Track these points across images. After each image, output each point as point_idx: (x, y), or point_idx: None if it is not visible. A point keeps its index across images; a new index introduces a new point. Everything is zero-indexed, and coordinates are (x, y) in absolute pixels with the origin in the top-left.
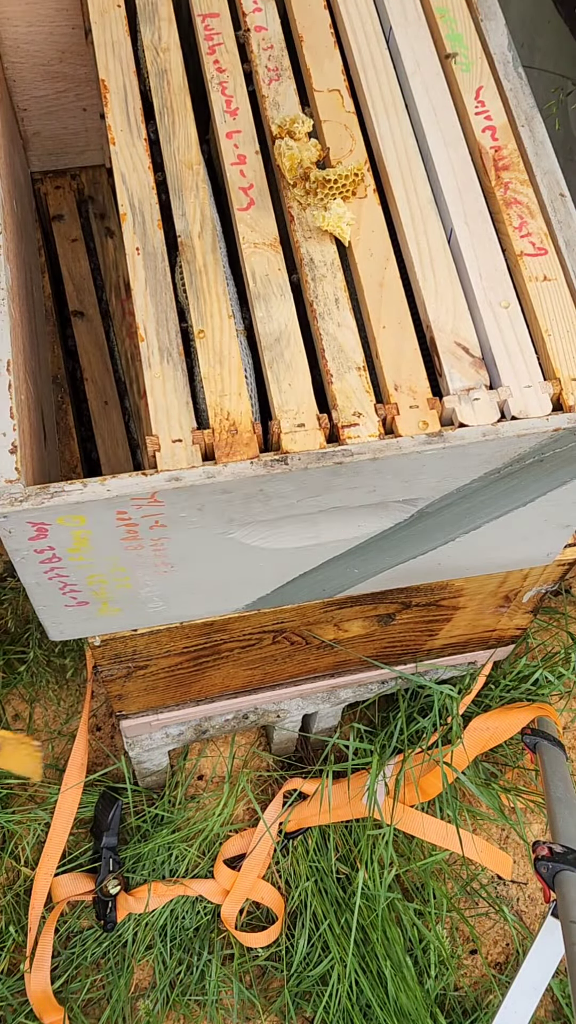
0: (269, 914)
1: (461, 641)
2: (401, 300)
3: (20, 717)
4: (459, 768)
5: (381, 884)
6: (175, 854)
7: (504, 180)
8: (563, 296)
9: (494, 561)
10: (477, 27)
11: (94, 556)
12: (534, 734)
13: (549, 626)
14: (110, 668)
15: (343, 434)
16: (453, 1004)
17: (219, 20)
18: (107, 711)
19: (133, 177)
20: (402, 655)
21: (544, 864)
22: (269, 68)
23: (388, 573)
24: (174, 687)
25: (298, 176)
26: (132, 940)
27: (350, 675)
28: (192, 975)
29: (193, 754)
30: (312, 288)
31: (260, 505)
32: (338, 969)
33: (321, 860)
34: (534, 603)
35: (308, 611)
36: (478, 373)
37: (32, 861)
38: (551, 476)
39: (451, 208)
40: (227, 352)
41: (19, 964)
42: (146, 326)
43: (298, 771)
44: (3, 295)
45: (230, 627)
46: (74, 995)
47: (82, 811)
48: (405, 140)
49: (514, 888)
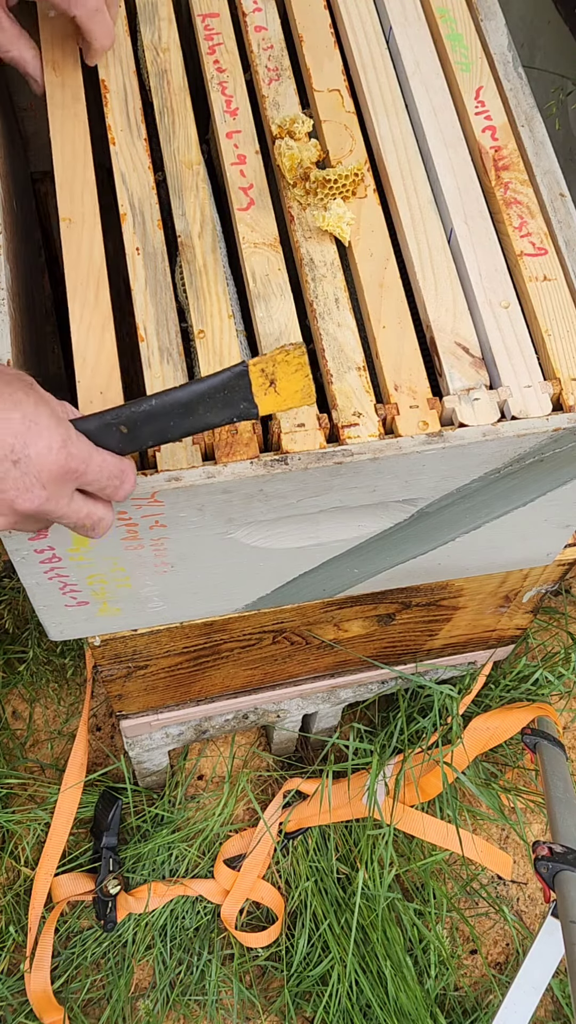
0: (269, 914)
1: (461, 641)
2: (401, 300)
3: (20, 717)
4: (459, 768)
5: (381, 884)
6: (175, 854)
7: (504, 180)
8: (563, 296)
9: (494, 561)
10: (477, 27)
11: (94, 556)
12: (534, 734)
13: (549, 626)
14: (110, 668)
15: (343, 434)
16: (453, 1004)
17: (219, 20)
18: (107, 711)
19: (133, 177)
20: (402, 655)
21: (544, 864)
22: (269, 68)
23: (388, 573)
24: (174, 687)
25: (298, 176)
26: (132, 940)
27: (350, 675)
28: (192, 975)
29: (193, 754)
30: (312, 288)
31: (260, 505)
32: (338, 969)
33: (321, 860)
34: (534, 603)
35: (308, 611)
36: (478, 373)
37: (32, 861)
38: (551, 476)
39: (451, 208)
40: (227, 352)
41: (19, 964)
42: (146, 326)
43: (298, 771)
44: (3, 295)
45: (230, 627)
46: (74, 995)
47: (82, 811)
48: (405, 140)
49: (514, 888)
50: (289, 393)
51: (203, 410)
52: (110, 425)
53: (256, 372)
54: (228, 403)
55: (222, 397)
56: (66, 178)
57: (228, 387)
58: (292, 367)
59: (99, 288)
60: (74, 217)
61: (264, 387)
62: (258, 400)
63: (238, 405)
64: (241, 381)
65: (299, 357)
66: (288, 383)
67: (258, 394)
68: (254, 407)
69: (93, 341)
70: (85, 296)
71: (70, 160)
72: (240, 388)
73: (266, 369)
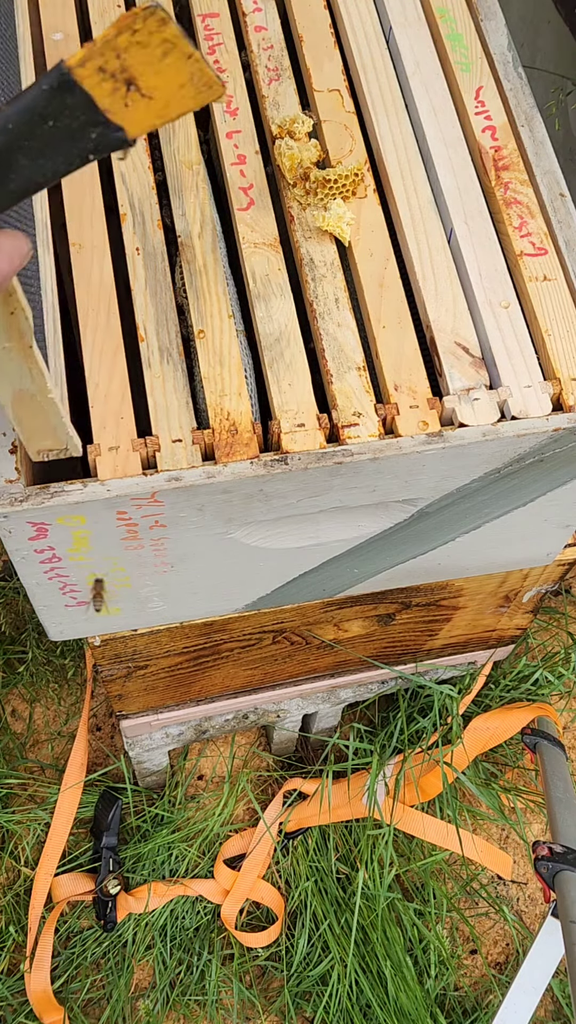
0: (269, 914)
1: (461, 641)
2: (401, 300)
3: (20, 717)
4: (459, 768)
5: (381, 884)
6: (175, 854)
7: (504, 180)
8: (563, 296)
9: (494, 561)
10: (477, 27)
11: (94, 556)
12: (534, 734)
13: (549, 626)
14: (110, 668)
15: (343, 434)
16: (453, 1004)
17: (219, 20)
18: (107, 711)
19: (133, 177)
20: (402, 655)
21: (544, 864)
22: (269, 68)
23: (388, 573)
24: (174, 687)
25: (298, 176)
26: (132, 940)
27: (350, 675)
28: (192, 975)
29: (193, 754)
30: (312, 288)
31: (260, 505)
32: (338, 969)
33: (321, 860)
34: (534, 603)
35: (308, 611)
36: (478, 373)
37: (32, 861)
38: (551, 476)
39: (451, 208)
40: (227, 352)
41: (19, 964)
42: (146, 326)
43: (298, 771)
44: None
45: (230, 627)
46: (74, 995)
47: (82, 811)
48: (405, 140)
49: (514, 888)
50: (169, 91)
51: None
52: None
53: (91, 74)
54: (68, 135)
55: (50, 131)
56: (75, 203)
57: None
58: (156, 47)
59: (110, 313)
60: (83, 243)
61: (119, 94)
62: (117, 116)
63: (86, 135)
64: (70, 97)
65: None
66: (159, 77)
67: (112, 107)
68: (115, 129)
69: (105, 366)
70: (96, 321)
71: (79, 185)
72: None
73: (107, 65)
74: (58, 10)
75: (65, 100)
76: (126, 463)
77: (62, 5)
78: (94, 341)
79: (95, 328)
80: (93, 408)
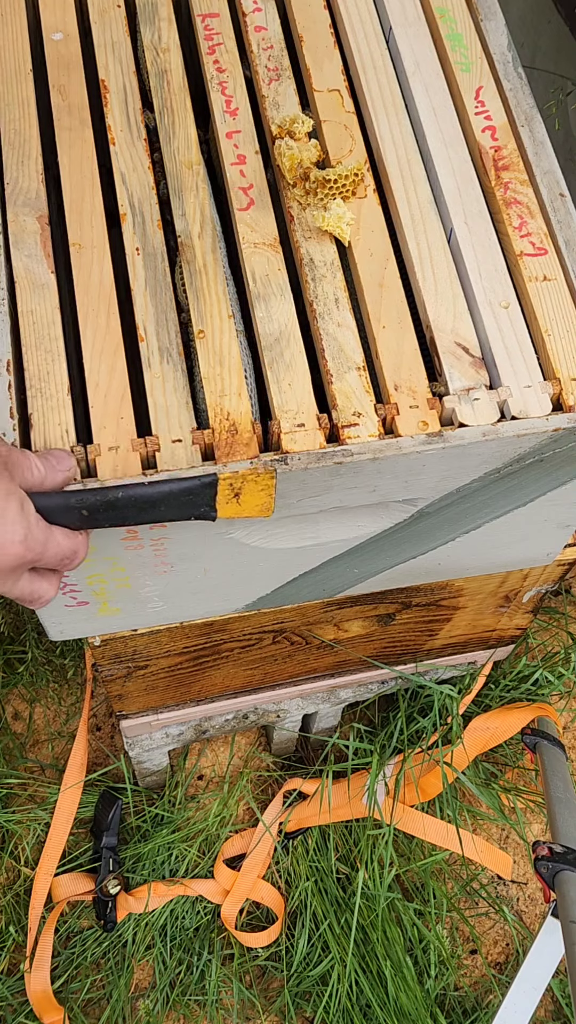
0: (269, 914)
1: (461, 641)
2: (401, 300)
3: (20, 717)
4: (459, 768)
5: (381, 884)
6: (175, 854)
7: (504, 180)
8: (563, 296)
9: (494, 561)
10: (477, 27)
11: (94, 556)
12: (534, 734)
13: (549, 626)
14: (110, 668)
15: (343, 434)
16: (453, 1004)
17: (219, 20)
18: (107, 711)
19: (133, 177)
20: (402, 655)
21: (544, 864)
22: (269, 68)
23: (388, 573)
24: (174, 687)
25: (298, 176)
26: (132, 940)
27: (350, 675)
28: (192, 975)
29: (193, 754)
30: (312, 288)
31: None
32: (338, 969)
33: (321, 860)
34: (534, 603)
35: (308, 611)
36: (478, 373)
37: (32, 861)
38: (551, 476)
39: (451, 208)
40: (227, 352)
41: (19, 964)
42: (146, 326)
43: (298, 771)
44: (3, 295)
45: (230, 627)
46: (74, 995)
47: (82, 811)
48: (405, 140)
49: (514, 888)
50: (249, 506)
51: (164, 508)
52: (72, 508)
53: (224, 484)
54: (190, 505)
55: (186, 499)
56: (75, 203)
57: (194, 492)
58: (259, 486)
59: (109, 313)
60: (83, 243)
61: (228, 497)
62: (219, 507)
63: (199, 508)
64: (208, 489)
65: (268, 479)
66: (251, 498)
67: (220, 502)
68: (213, 512)
69: (105, 366)
70: (96, 322)
71: (78, 185)
72: (205, 495)
73: (234, 484)
74: (58, 10)
75: (206, 489)
76: (126, 463)
77: (62, 5)
78: (94, 341)
79: (95, 328)
80: (93, 408)
